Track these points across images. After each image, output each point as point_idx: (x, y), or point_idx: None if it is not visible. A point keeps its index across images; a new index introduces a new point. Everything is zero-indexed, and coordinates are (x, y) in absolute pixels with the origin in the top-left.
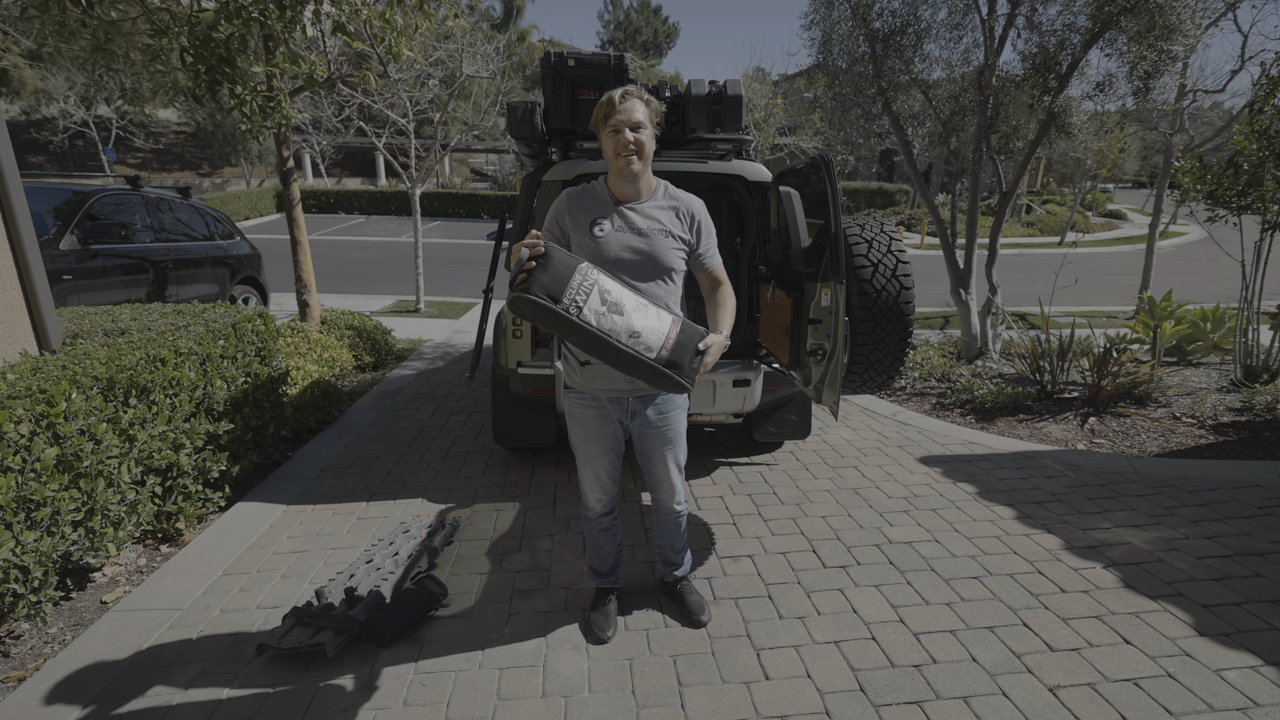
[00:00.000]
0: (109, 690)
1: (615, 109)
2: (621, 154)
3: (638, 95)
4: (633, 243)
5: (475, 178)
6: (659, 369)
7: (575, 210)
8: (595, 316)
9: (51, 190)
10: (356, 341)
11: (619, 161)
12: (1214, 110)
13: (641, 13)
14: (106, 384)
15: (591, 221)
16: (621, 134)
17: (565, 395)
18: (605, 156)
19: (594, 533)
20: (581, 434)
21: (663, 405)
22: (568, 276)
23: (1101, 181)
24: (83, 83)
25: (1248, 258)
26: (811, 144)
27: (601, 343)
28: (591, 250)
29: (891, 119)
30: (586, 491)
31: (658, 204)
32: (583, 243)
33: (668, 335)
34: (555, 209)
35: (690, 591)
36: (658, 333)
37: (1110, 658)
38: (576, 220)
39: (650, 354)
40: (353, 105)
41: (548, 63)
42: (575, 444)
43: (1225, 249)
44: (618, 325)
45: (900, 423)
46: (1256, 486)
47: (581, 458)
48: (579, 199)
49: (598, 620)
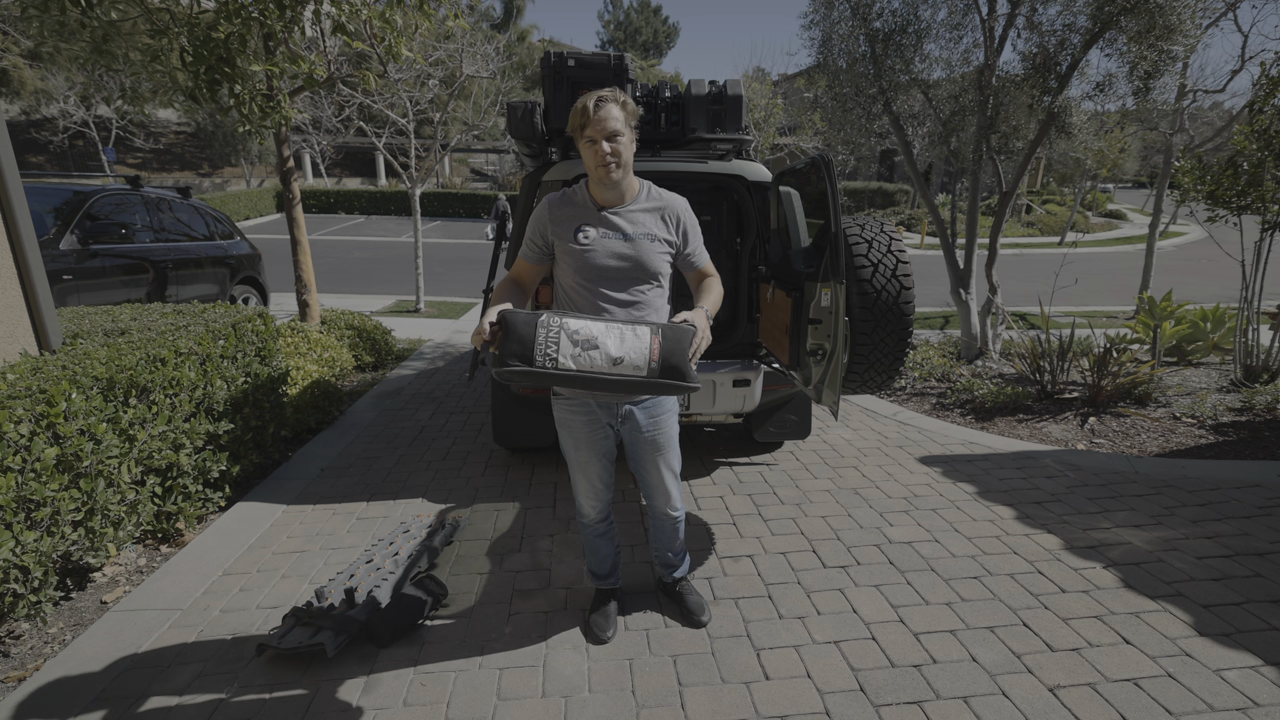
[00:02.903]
0: (109, 690)
1: (590, 119)
2: (600, 165)
3: (613, 100)
4: (619, 249)
5: (475, 178)
6: (657, 382)
7: (557, 218)
8: (573, 360)
9: (51, 190)
10: (356, 341)
11: (599, 172)
12: (1214, 110)
13: (641, 13)
14: (106, 384)
15: (575, 229)
16: (598, 144)
17: (554, 402)
18: (585, 165)
19: (591, 538)
20: (572, 440)
21: (653, 409)
22: (531, 335)
23: (1101, 181)
24: (82, 83)
25: (1248, 258)
26: (811, 144)
27: (590, 381)
28: (578, 258)
29: (891, 119)
30: (581, 499)
31: (641, 207)
32: (568, 251)
33: (650, 348)
34: (536, 220)
35: (690, 592)
36: (639, 350)
37: (1110, 658)
38: (559, 229)
39: (640, 372)
40: (353, 105)
41: (548, 63)
42: (566, 451)
43: (1225, 249)
44: (597, 360)
45: (900, 423)
46: (1256, 486)
47: (574, 464)
48: (560, 206)
49: (598, 621)
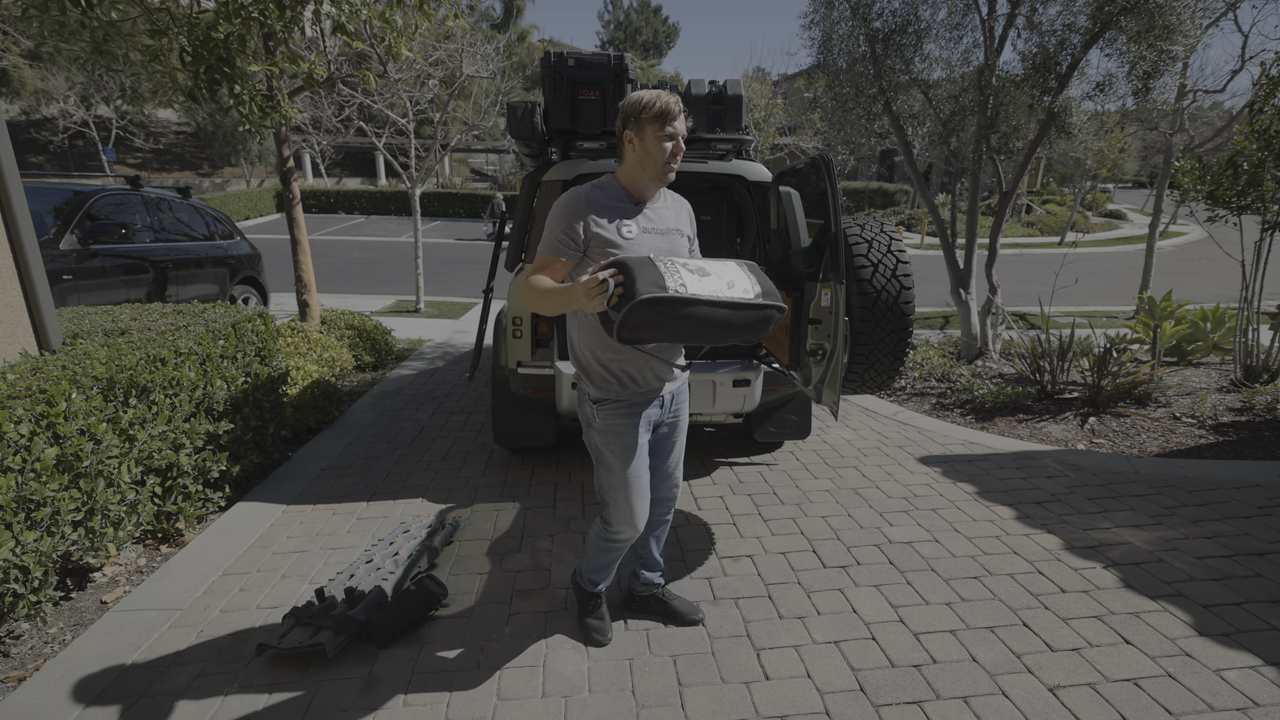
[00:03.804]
0: (109, 690)
1: (671, 119)
2: (667, 162)
3: (682, 109)
4: (657, 244)
5: (475, 178)
6: (764, 305)
7: (599, 209)
8: (698, 286)
9: (51, 190)
10: (356, 341)
11: (663, 168)
12: (1214, 110)
13: (641, 13)
14: (106, 384)
15: (617, 223)
16: (676, 142)
17: (599, 413)
18: (641, 158)
19: (620, 552)
20: (623, 452)
21: (680, 394)
22: (657, 269)
23: (1101, 181)
24: (82, 83)
25: (1248, 258)
26: (811, 144)
27: (715, 306)
28: (623, 252)
29: (891, 119)
30: (636, 517)
31: (666, 204)
32: (612, 242)
33: (747, 276)
34: (573, 212)
35: (674, 597)
36: (740, 276)
37: (1110, 658)
38: (601, 221)
39: (748, 295)
40: (353, 105)
41: (548, 63)
42: (614, 467)
43: (1225, 249)
44: (715, 286)
45: (900, 423)
46: (1256, 486)
47: (622, 481)
48: (596, 199)
49: (595, 625)
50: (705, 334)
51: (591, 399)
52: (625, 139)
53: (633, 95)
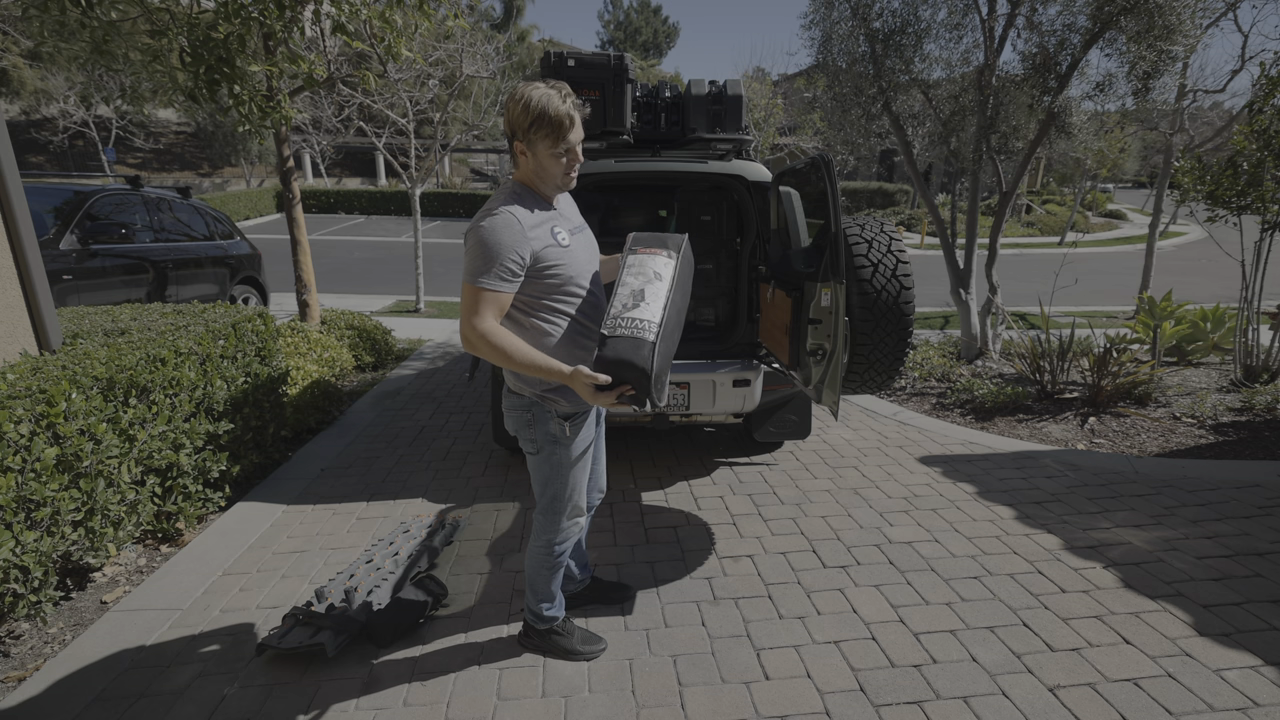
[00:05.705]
0: (109, 690)
1: (564, 136)
2: (571, 173)
3: (579, 110)
4: (584, 240)
5: (475, 178)
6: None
7: (532, 228)
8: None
9: (51, 190)
10: (357, 341)
11: (565, 180)
12: (1214, 110)
13: (641, 13)
14: (106, 384)
15: (551, 232)
16: (574, 153)
17: (570, 427)
18: (538, 172)
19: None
20: (581, 449)
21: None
22: (629, 341)
23: (1101, 181)
24: (82, 83)
25: (1248, 258)
26: (811, 144)
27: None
28: (567, 259)
29: (891, 119)
30: (584, 495)
31: (565, 200)
32: (554, 253)
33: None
34: (513, 237)
35: (604, 578)
36: (647, 261)
37: (1110, 658)
38: (539, 235)
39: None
40: (353, 105)
41: (547, 63)
42: (576, 472)
43: (1225, 249)
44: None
45: (900, 423)
46: (1256, 486)
47: (577, 471)
48: (525, 217)
49: (578, 643)
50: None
51: (561, 415)
52: (517, 150)
53: (520, 98)
